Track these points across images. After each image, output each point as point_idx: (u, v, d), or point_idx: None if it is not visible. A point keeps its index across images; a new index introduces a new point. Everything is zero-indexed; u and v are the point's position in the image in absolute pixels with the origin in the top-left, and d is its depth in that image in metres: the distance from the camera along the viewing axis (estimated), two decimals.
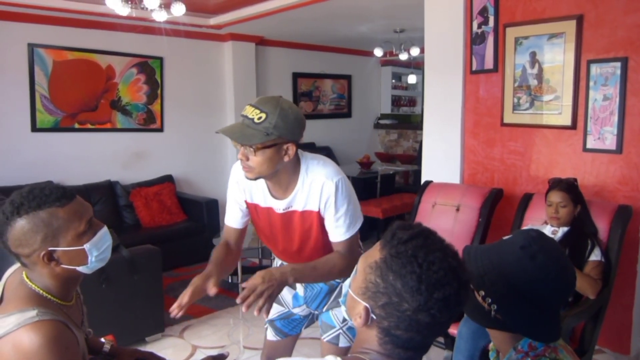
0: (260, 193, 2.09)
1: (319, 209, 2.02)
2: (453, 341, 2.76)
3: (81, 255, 1.49)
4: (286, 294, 2.36)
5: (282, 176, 2.00)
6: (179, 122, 6.74)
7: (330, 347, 2.34)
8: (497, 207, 3.68)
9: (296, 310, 2.40)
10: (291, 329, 2.47)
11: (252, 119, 1.85)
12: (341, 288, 2.27)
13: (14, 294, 1.48)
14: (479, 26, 3.99)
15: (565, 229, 2.97)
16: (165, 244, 4.57)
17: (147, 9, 4.39)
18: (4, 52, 5.26)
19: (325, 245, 2.10)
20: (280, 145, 1.88)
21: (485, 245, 1.49)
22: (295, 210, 2.06)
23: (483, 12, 3.94)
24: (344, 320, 2.29)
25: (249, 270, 4.99)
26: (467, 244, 1.56)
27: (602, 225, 3.04)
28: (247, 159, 1.89)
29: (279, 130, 1.84)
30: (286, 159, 1.92)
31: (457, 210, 3.69)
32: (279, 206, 2.07)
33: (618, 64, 3.30)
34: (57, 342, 1.35)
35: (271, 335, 2.48)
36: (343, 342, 2.32)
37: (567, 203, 2.93)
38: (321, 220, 2.05)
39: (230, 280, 5.00)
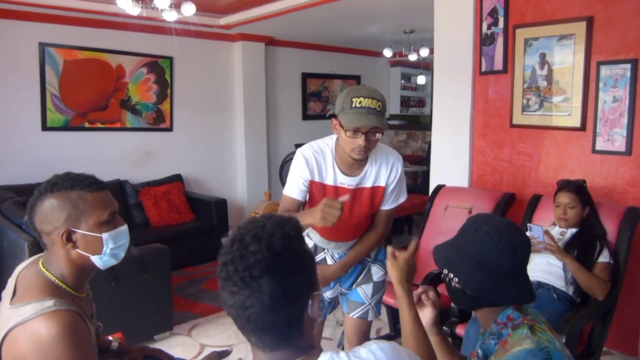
0: (330, 173, 2.32)
1: (386, 184, 2.35)
2: (460, 342, 2.76)
3: (97, 244, 1.54)
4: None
5: None
6: (189, 121, 6.77)
7: (361, 323, 2.58)
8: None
9: (327, 294, 2.56)
10: None
11: (375, 109, 2.09)
12: (369, 267, 2.56)
13: (29, 284, 1.51)
14: (489, 27, 3.98)
15: (574, 230, 2.96)
16: (174, 243, 4.59)
17: (157, 8, 4.41)
18: (15, 51, 5.30)
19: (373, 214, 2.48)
20: None
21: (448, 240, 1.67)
22: (365, 186, 2.34)
23: (493, 13, 3.93)
24: (373, 295, 2.55)
25: None
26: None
27: (610, 226, 3.03)
28: (368, 143, 2.14)
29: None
30: None
31: (470, 212, 3.69)
32: (351, 182, 2.32)
33: (628, 66, 3.28)
34: (74, 332, 1.39)
35: None
36: (371, 317, 2.58)
37: (575, 204, 2.93)
38: (384, 194, 2.38)
39: None
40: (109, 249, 1.56)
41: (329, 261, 2.52)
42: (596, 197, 3.11)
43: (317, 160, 2.30)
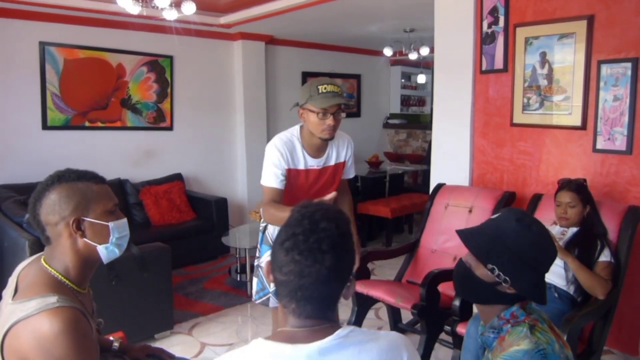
0: (301, 158, 2.69)
1: (345, 159, 2.85)
2: (461, 340, 2.76)
3: (104, 232, 1.60)
4: None
5: None
6: (189, 120, 6.76)
7: None
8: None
9: None
10: None
11: (337, 92, 2.51)
12: None
13: (32, 280, 1.52)
14: (489, 26, 3.98)
15: (575, 229, 2.96)
16: (175, 242, 4.59)
17: (157, 7, 4.41)
18: (15, 50, 5.30)
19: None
20: None
21: (475, 227, 1.67)
22: (329, 165, 2.78)
23: (493, 11, 3.93)
24: None
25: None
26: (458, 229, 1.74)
27: (611, 225, 3.03)
28: (336, 122, 2.56)
29: None
30: None
31: (470, 211, 3.69)
32: (318, 164, 2.74)
33: (629, 65, 3.28)
34: (76, 329, 1.40)
35: (274, 303, 2.80)
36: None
37: (576, 203, 2.93)
38: (344, 166, 2.87)
39: (238, 279, 5.02)
40: (115, 238, 1.61)
41: None
42: (597, 196, 3.11)
43: (288, 150, 2.65)
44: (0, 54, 5.21)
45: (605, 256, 2.83)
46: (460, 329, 2.87)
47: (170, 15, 4.56)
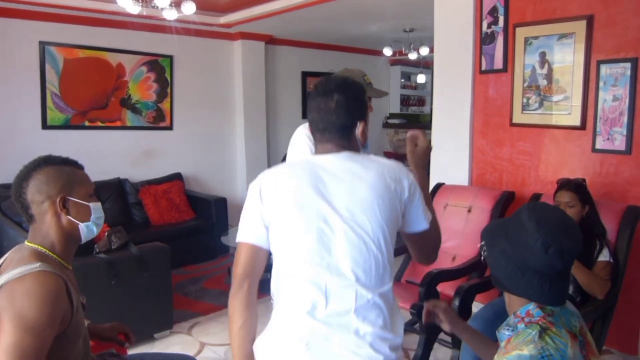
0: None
1: None
2: (460, 340, 2.76)
3: (86, 212, 1.73)
4: None
5: None
6: (189, 120, 6.77)
7: None
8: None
9: None
10: None
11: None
12: None
13: (16, 256, 1.61)
14: (489, 26, 3.98)
15: None
16: (174, 242, 4.58)
17: (157, 7, 4.42)
18: (15, 50, 5.30)
19: None
20: None
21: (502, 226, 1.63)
22: None
23: (493, 12, 3.93)
24: None
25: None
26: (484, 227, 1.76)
27: (610, 225, 3.02)
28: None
29: None
30: None
31: (469, 211, 3.69)
32: None
33: (628, 65, 3.28)
34: (51, 294, 1.50)
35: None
36: None
37: (575, 203, 2.92)
38: None
39: None
40: (94, 217, 1.75)
41: None
42: (596, 196, 3.11)
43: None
44: (0, 54, 5.21)
45: (604, 256, 2.83)
46: None
47: (170, 15, 4.57)
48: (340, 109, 1.64)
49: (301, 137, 2.81)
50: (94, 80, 5.86)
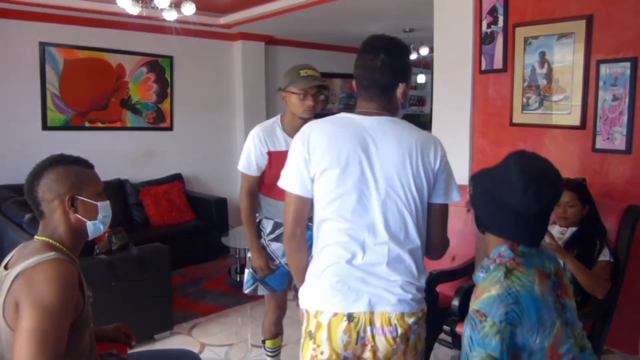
0: (282, 140, 2.79)
1: None
2: (460, 340, 2.76)
3: (94, 211, 1.79)
4: (278, 247, 2.86)
5: None
6: (189, 121, 6.77)
7: None
8: None
9: (284, 260, 2.82)
10: (278, 284, 2.95)
11: (317, 76, 2.82)
12: None
13: (26, 250, 1.67)
14: (489, 26, 3.98)
15: (574, 229, 2.96)
16: (174, 242, 4.59)
17: (157, 8, 4.42)
18: (15, 50, 5.30)
19: None
20: None
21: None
22: None
23: (492, 11, 3.93)
24: None
25: None
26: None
27: (611, 225, 3.02)
28: (316, 103, 2.79)
29: None
30: None
31: (468, 211, 3.68)
32: None
33: (628, 64, 3.28)
34: (67, 280, 1.57)
35: (262, 291, 2.96)
36: None
37: (575, 203, 2.92)
38: None
39: (238, 279, 5.01)
40: (102, 216, 1.81)
41: None
42: (596, 196, 3.11)
43: (267, 134, 2.79)
44: (0, 54, 5.22)
45: (604, 256, 2.83)
46: (460, 328, 2.86)
47: (170, 15, 4.57)
48: (385, 69, 1.76)
49: (249, 138, 2.86)
50: (94, 81, 5.86)
